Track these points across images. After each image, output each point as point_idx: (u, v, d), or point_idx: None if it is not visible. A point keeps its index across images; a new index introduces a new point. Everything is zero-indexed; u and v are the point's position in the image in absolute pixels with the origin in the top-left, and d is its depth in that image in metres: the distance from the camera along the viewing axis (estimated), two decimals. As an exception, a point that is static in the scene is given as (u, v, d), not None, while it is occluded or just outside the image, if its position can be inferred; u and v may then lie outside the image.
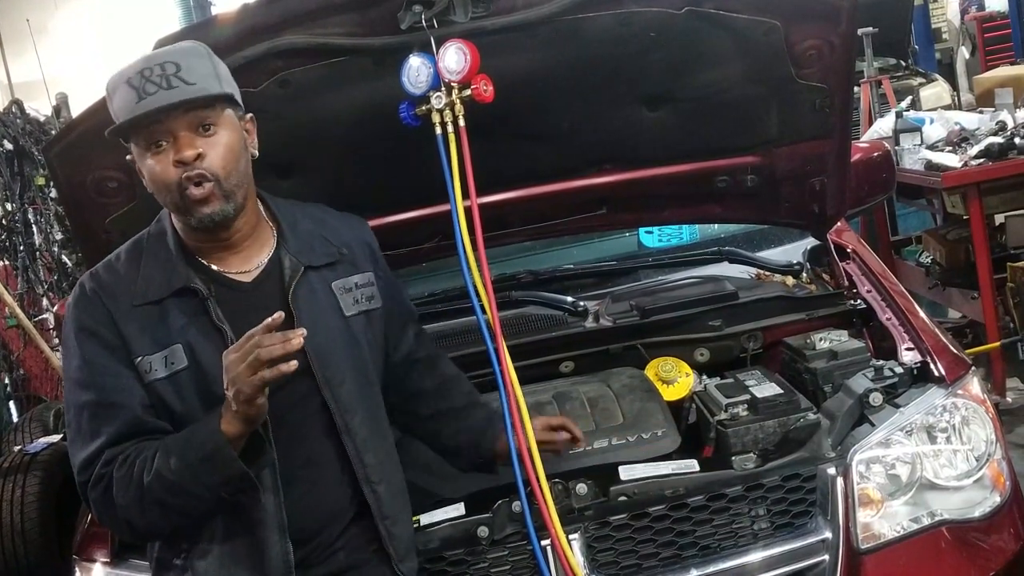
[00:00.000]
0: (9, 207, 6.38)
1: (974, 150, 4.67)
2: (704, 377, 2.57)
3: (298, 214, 1.98)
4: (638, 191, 2.85)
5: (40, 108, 6.80)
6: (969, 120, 5.26)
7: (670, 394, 2.50)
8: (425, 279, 3.30)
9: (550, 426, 2.18)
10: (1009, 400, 4.65)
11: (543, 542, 2.07)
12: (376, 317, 2.01)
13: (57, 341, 5.67)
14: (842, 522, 2.15)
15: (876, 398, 2.28)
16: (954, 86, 8.95)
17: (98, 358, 1.79)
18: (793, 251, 3.15)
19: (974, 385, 2.36)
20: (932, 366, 2.37)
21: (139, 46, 1.83)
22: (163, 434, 1.78)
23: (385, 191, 2.57)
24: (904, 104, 6.15)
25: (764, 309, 2.72)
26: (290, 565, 1.82)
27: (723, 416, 2.34)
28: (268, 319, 1.65)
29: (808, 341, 2.55)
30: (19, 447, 4.62)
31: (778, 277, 3.01)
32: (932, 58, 9.77)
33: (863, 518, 2.16)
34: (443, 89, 2.09)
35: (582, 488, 2.19)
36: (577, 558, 2.09)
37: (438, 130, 2.11)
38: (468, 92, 2.08)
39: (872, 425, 2.25)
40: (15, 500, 4.11)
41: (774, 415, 2.30)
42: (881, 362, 2.40)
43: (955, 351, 2.50)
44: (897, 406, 2.28)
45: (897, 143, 4.98)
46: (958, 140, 4.94)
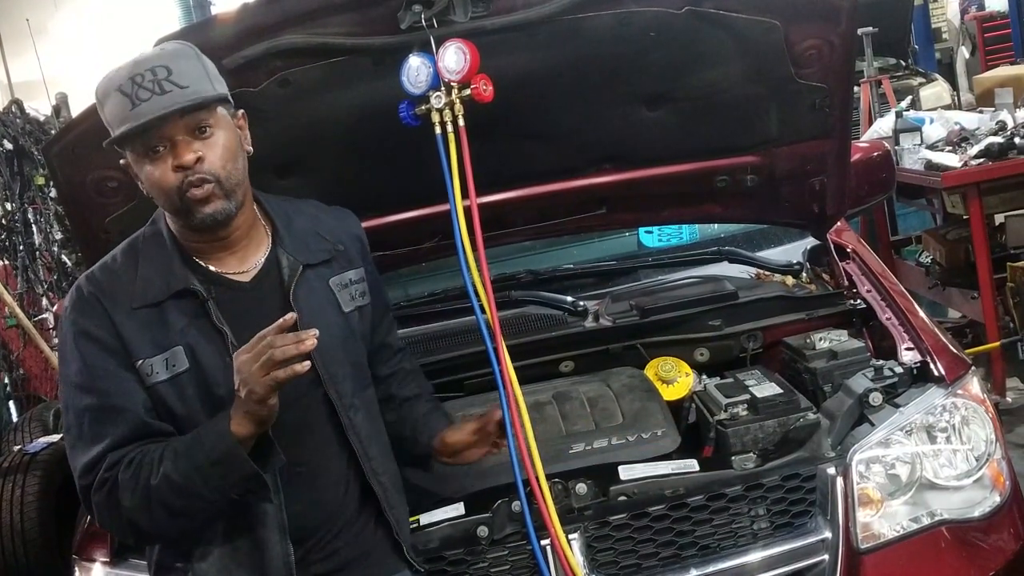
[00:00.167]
0: (9, 207, 6.38)
1: (974, 150, 4.67)
2: (704, 377, 2.57)
3: (291, 212, 1.98)
4: (638, 191, 2.84)
5: (40, 108, 6.80)
6: (969, 120, 5.26)
7: (670, 394, 2.50)
8: (425, 279, 3.30)
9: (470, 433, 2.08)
10: (1009, 400, 4.65)
11: (543, 542, 2.07)
12: (367, 312, 2.02)
13: (57, 341, 5.67)
14: (842, 522, 2.15)
15: (876, 398, 2.28)
16: (954, 86, 8.95)
17: (98, 361, 1.78)
18: (793, 251, 3.15)
19: (974, 385, 2.37)
20: (932, 366, 2.38)
21: (139, 46, 1.82)
22: (166, 437, 1.78)
23: (385, 191, 2.57)
24: (904, 104, 6.15)
25: (764, 309, 2.72)
26: (291, 566, 1.82)
27: (723, 416, 2.34)
28: (280, 320, 1.65)
29: (808, 341, 2.55)
30: (19, 447, 4.62)
31: (778, 277, 3.01)
32: (932, 58, 9.77)
33: (863, 518, 2.17)
34: (443, 89, 2.09)
35: (582, 488, 2.19)
36: (577, 558, 2.09)
37: (438, 130, 2.11)
38: (468, 92, 2.08)
39: (872, 425, 2.26)
40: (15, 500, 4.12)
41: (774, 415, 2.30)
42: (881, 362, 2.40)
43: (955, 351, 2.50)
44: (897, 406, 2.28)
45: (897, 143, 4.98)
46: (958, 140, 4.94)
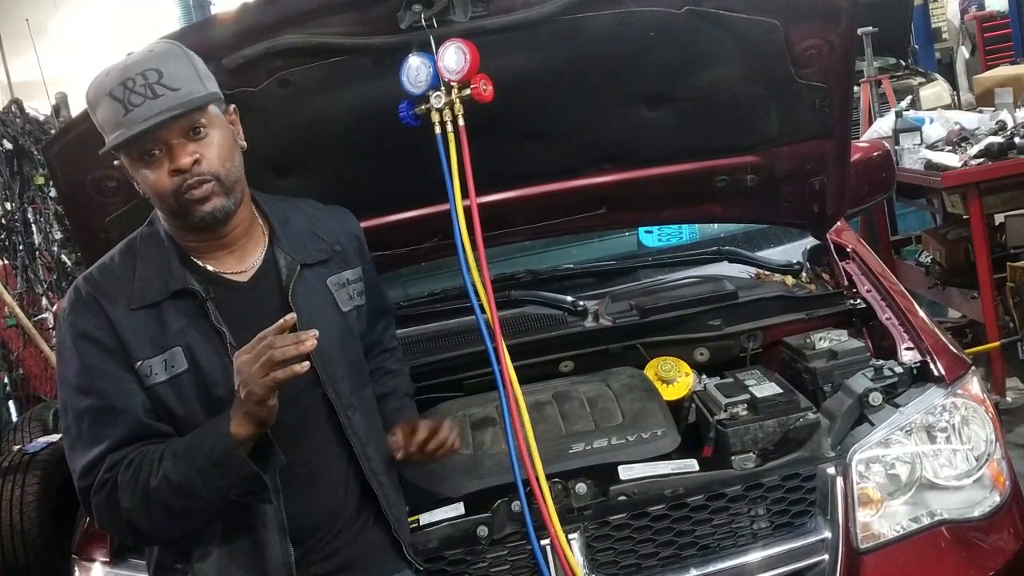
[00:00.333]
0: (8, 206, 6.38)
1: (974, 150, 4.67)
2: (704, 377, 2.57)
3: (288, 211, 1.98)
4: (638, 191, 2.84)
5: (39, 107, 6.79)
6: (969, 120, 5.26)
7: (670, 394, 2.50)
8: (425, 279, 3.30)
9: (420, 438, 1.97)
10: (1009, 400, 4.65)
11: (542, 542, 2.07)
12: (364, 311, 2.03)
13: (56, 341, 5.66)
14: (842, 522, 2.15)
15: (876, 398, 2.28)
16: (954, 86, 8.94)
17: (97, 362, 1.77)
18: (793, 251, 3.15)
19: (974, 385, 2.36)
20: (932, 366, 2.37)
21: (139, 46, 1.82)
22: (166, 438, 1.78)
23: (384, 191, 2.57)
24: (904, 104, 6.14)
25: (764, 309, 2.72)
26: (290, 566, 1.81)
27: (723, 416, 2.34)
28: (280, 320, 1.64)
29: (808, 341, 2.55)
30: (18, 447, 4.62)
31: (778, 277, 3.01)
32: (932, 58, 9.77)
33: (863, 518, 2.16)
34: (442, 88, 2.09)
35: (581, 488, 2.18)
36: (576, 558, 2.09)
37: (437, 130, 2.12)
38: (467, 92, 2.08)
39: (872, 425, 2.25)
40: (14, 499, 4.11)
41: (774, 415, 2.30)
42: (881, 362, 2.40)
43: (955, 351, 2.50)
44: (897, 406, 2.28)
45: (897, 143, 4.98)
46: (958, 140, 4.94)
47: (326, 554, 1.89)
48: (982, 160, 4.59)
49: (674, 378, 2.53)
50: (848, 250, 2.94)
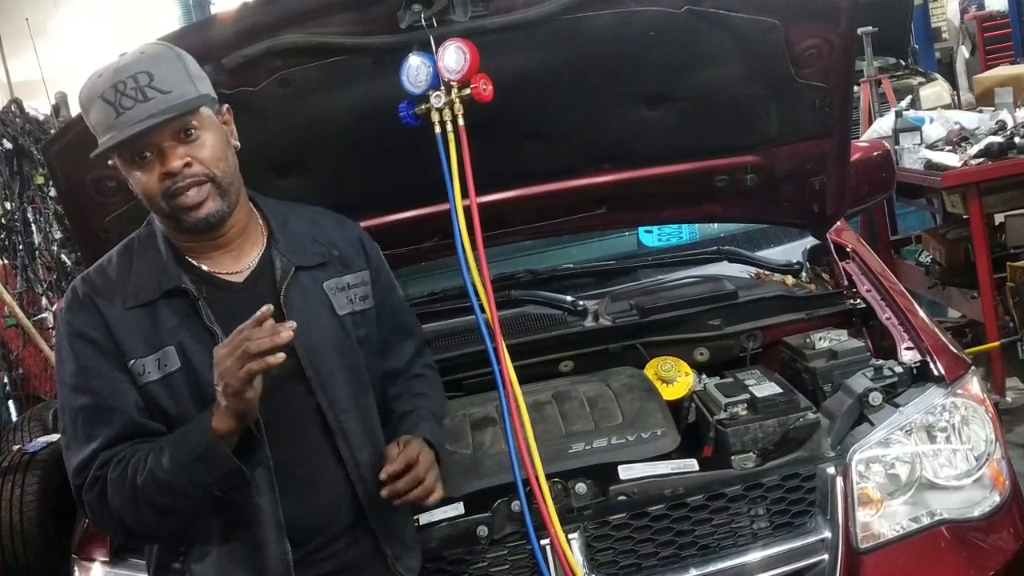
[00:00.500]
0: (8, 206, 6.38)
1: (974, 149, 4.67)
2: (704, 376, 2.57)
3: (288, 214, 1.98)
4: (637, 190, 2.84)
5: (39, 107, 6.79)
6: (969, 119, 5.26)
7: (669, 393, 2.50)
8: (424, 278, 3.30)
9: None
10: (1009, 400, 4.65)
11: (542, 541, 2.07)
12: (370, 317, 1.99)
13: (55, 341, 5.67)
14: (841, 522, 2.15)
15: (876, 397, 2.28)
16: (954, 85, 8.94)
17: (92, 362, 1.79)
18: (793, 250, 3.15)
19: (974, 384, 2.36)
20: (932, 365, 2.37)
21: (131, 46, 1.82)
22: (158, 436, 1.78)
23: (384, 190, 2.57)
24: (904, 103, 6.14)
25: (763, 308, 2.72)
26: (288, 565, 1.81)
27: (722, 415, 2.33)
28: (257, 313, 1.65)
29: (808, 340, 2.55)
30: (18, 446, 4.62)
31: (778, 276, 3.01)
32: (932, 57, 9.76)
33: (862, 518, 2.16)
34: (442, 88, 2.09)
35: (581, 487, 2.18)
36: (576, 557, 2.09)
37: (437, 129, 2.11)
38: (467, 91, 2.08)
39: (872, 424, 2.25)
40: (14, 499, 4.12)
41: (773, 414, 2.30)
42: (881, 361, 2.40)
43: (955, 350, 2.50)
44: (897, 405, 2.28)
45: (897, 142, 4.98)
46: (958, 139, 4.94)
47: (325, 555, 1.88)
48: (982, 160, 4.59)
49: (674, 378, 2.53)
50: (848, 250, 2.94)
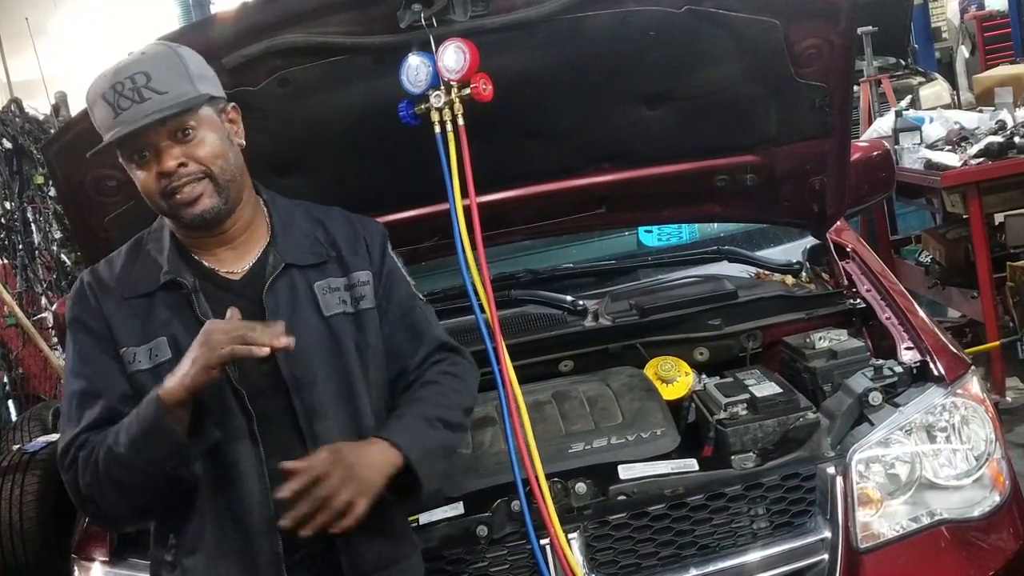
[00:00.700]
0: (8, 206, 6.39)
1: (973, 149, 4.67)
2: (703, 376, 2.57)
3: (297, 213, 1.96)
4: (637, 190, 2.84)
5: (39, 107, 6.80)
6: (969, 119, 5.26)
7: (669, 393, 2.50)
8: (424, 278, 3.29)
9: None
10: (1009, 399, 4.65)
11: (542, 541, 2.07)
12: (370, 318, 1.92)
13: (55, 340, 5.68)
14: (841, 521, 2.15)
15: (875, 397, 2.28)
16: (954, 85, 8.94)
17: (86, 348, 1.84)
18: (792, 250, 3.15)
19: (973, 384, 2.36)
20: (931, 365, 2.37)
21: (138, 45, 1.82)
22: None
23: (384, 190, 2.57)
24: (904, 103, 6.14)
25: (763, 308, 2.72)
26: (279, 556, 1.80)
27: (722, 415, 2.33)
28: (228, 311, 1.73)
29: (807, 340, 2.55)
30: (18, 446, 4.62)
31: (777, 276, 3.01)
32: (932, 57, 9.77)
33: (862, 517, 2.16)
34: (442, 88, 2.09)
35: (581, 487, 2.18)
36: (576, 557, 2.09)
37: (437, 129, 2.11)
38: (467, 91, 2.08)
39: (871, 424, 2.25)
40: (14, 499, 4.12)
41: (773, 414, 2.30)
42: (880, 361, 2.40)
43: (954, 350, 2.50)
44: (896, 405, 2.28)
45: (897, 142, 4.98)
46: (958, 139, 4.94)
47: (317, 550, 1.83)
48: (982, 160, 4.59)
49: (674, 378, 2.53)
50: (848, 250, 2.94)
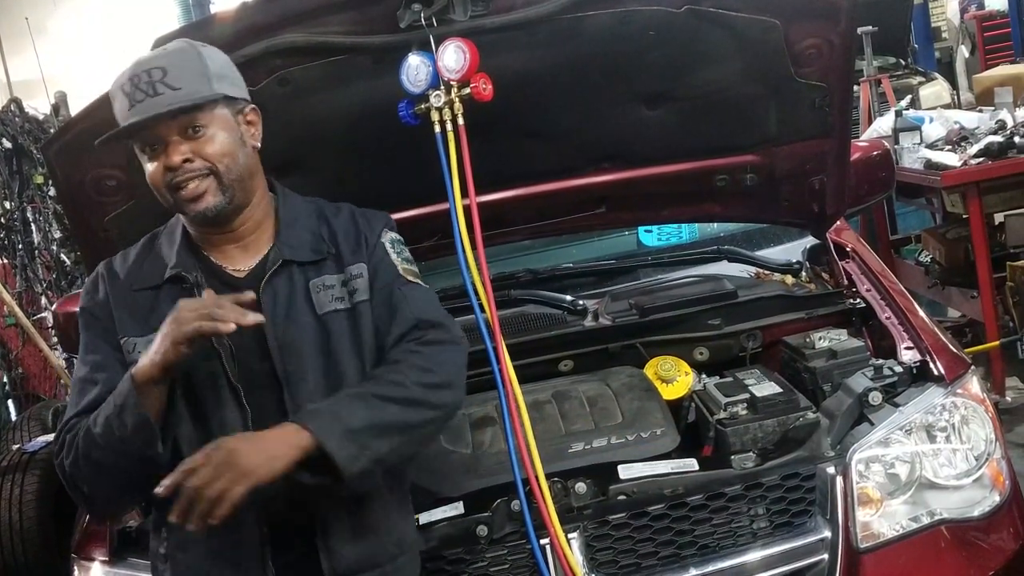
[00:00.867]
0: (8, 205, 6.39)
1: (973, 149, 4.67)
2: (703, 376, 2.57)
3: (305, 211, 1.96)
4: (637, 190, 2.84)
5: (39, 106, 6.80)
6: (968, 119, 5.26)
7: (669, 393, 2.50)
8: (424, 278, 3.28)
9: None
10: (1008, 399, 4.65)
11: (542, 541, 2.07)
12: (366, 311, 1.91)
13: (55, 340, 5.68)
14: (841, 521, 2.15)
15: (875, 397, 2.28)
16: (954, 85, 8.94)
17: (90, 336, 1.89)
18: (792, 250, 3.15)
19: (973, 384, 2.36)
20: (931, 365, 2.37)
21: (138, 45, 1.84)
22: None
23: (384, 190, 2.55)
24: (904, 103, 6.14)
25: (763, 308, 2.72)
26: (265, 544, 1.80)
27: (722, 415, 2.33)
28: (239, 295, 1.74)
29: (807, 340, 2.55)
30: (18, 446, 4.62)
31: (777, 276, 3.01)
32: (932, 57, 9.77)
33: (862, 517, 2.16)
34: (442, 88, 2.09)
35: (581, 487, 2.18)
36: (576, 557, 2.09)
37: (437, 129, 2.11)
38: (467, 91, 2.08)
39: (871, 424, 2.25)
40: (14, 499, 4.12)
41: (773, 414, 2.30)
42: (880, 361, 2.40)
43: (954, 350, 2.50)
44: (896, 405, 2.28)
45: (896, 142, 4.98)
46: (957, 139, 4.94)
47: (302, 539, 1.83)
48: (982, 159, 4.59)
49: (674, 377, 2.53)
50: (848, 249, 2.94)
